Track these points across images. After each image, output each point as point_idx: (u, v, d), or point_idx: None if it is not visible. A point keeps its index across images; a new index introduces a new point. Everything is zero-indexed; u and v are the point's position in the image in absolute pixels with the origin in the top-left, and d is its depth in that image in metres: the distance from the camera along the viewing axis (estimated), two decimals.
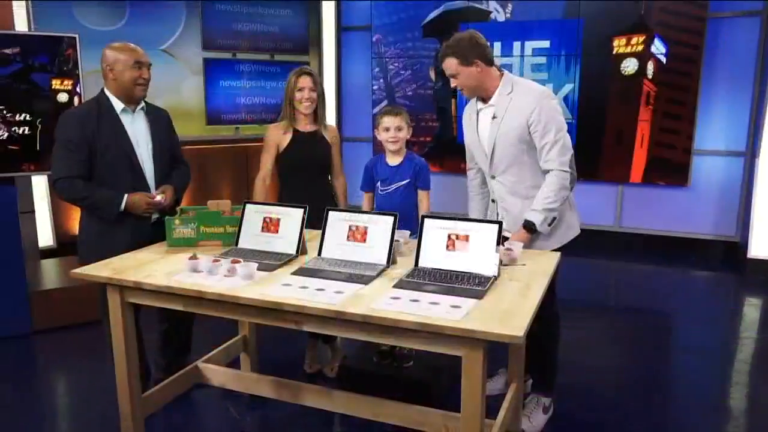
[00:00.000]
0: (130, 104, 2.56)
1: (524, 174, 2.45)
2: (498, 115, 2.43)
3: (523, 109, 2.37)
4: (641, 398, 2.87)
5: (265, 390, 2.46)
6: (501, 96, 2.44)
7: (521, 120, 2.37)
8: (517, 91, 2.42)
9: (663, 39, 5.06)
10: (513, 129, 2.40)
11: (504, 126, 2.42)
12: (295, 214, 2.24)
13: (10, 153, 3.31)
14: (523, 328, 1.54)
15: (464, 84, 2.44)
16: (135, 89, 2.51)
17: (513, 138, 2.40)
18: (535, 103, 2.36)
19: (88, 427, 2.64)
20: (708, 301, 4.54)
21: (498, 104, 2.44)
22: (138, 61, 2.51)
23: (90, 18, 5.04)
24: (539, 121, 2.35)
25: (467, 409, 1.67)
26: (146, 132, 2.60)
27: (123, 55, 2.49)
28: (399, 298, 1.77)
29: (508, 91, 2.43)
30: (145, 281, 1.95)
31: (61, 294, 3.72)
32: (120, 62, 2.49)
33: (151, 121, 2.63)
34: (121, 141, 2.51)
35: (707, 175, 5.28)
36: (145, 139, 2.60)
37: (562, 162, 2.35)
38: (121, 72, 2.49)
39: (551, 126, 2.35)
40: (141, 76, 2.51)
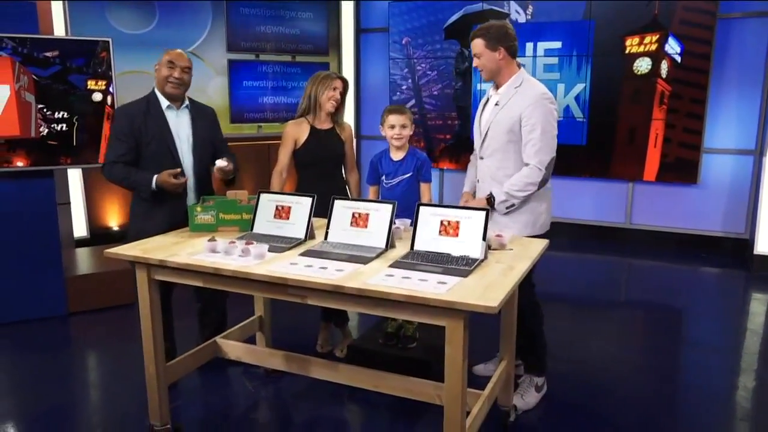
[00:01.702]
0: (173, 102, 2.86)
1: (507, 162, 2.64)
2: (500, 104, 2.64)
3: (521, 104, 2.57)
4: (649, 389, 2.99)
5: (278, 363, 2.69)
6: (509, 87, 2.64)
7: (516, 113, 2.57)
8: (523, 87, 2.62)
9: (677, 38, 5.16)
10: (507, 119, 2.60)
11: (501, 114, 2.62)
12: (304, 203, 2.46)
13: (49, 147, 3.60)
14: (498, 301, 1.73)
15: (484, 65, 2.64)
16: (166, 86, 2.81)
17: (505, 126, 2.60)
18: (532, 101, 2.55)
19: (119, 395, 2.90)
20: (716, 296, 4.64)
21: (504, 94, 2.64)
22: (171, 61, 2.81)
23: (122, 21, 5.35)
24: (530, 118, 2.54)
25: (450, 373, 1.87)
26: (188, 127, 2.91)
27: (164, 56, 2.83)
28: (392, 275, 1.97)
29: (516, 84, 2.63)
30: (169, 260, 2.19)
31: (94, 279, 4.01)
32: (160, 63, 2.83)
33: (194, 118, 2.93)
34: (164, 135, 2.82)
35: (717, 174, 5.37)
36: (187, 134, 2.90)
37: (541, 161, 2.54)
38: (158, 70, 2.83)
39: (538, 126, 2.53)
40: (171, 74, 2.80)
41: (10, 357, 3.37)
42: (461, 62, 6.08)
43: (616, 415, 2.74)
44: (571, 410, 2.77)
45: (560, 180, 5.60)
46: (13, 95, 3.43)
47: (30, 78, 3.49)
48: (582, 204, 5.82)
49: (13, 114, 3.46)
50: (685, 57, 5.16)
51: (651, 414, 2.74)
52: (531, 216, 2.66)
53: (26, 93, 3.47)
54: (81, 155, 3.69)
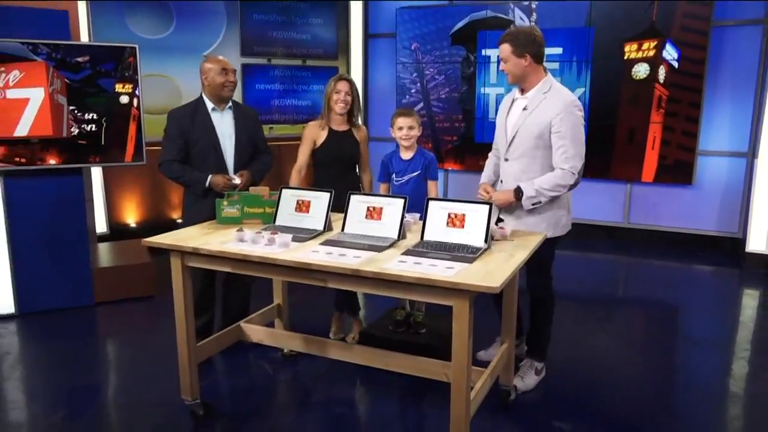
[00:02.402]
0: (219, 105, 3.18)
1: (533, 166, 2.77)
2: (529, 108, 2.76)
3: (551, 110, 2.68)
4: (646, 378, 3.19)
5: (297, 345, 2.92)
6: (537, 92, 2.75)
7: (546, 119, 2.69)
8: (552, 92, 2.73)
9: (675, 44, 5.38)
10: (537, 124, 2.72)
11: (531, 119, 2.74)
12: (323, 197, 2.69)
13: (79, 147, 3.84)
14: (498, 282, 1.96)
15: (511, 70, 2.76)
16: (223, 90, 3.15)
17: (534, 131, 2.72)
18: (562, 108, 2.66)
19: (149, 376, 3.13)
20: (710, 292, 4.83)
21: (532, 98, 2.76)
22: (224, 68, 3.13)
23: (141, 27, 5.60)
24: (560, 125, 2.65)
25: (457, 349, 2.10)
26: (231, 127, 3.22)
27: (213, 65, 3.13)
28: (405, 261, 2.20)
29: (545, 90, 2.75)
30: (202, 248, 2.42)
31: (117, 272, 4.24)
32: (211, 71, 3.12)
33: (237, 119, 3.23)
34: (209, 135, 3.15)
35: (711, 175, 5.58)
36: (230, 134, 3.21)
37: (573, 166, 2.66)
38: (213, 78, 3.12)
39: (568, 133, 2.65)
40: (228, 79, 3.14)
41: (44, 343, 3.60)
42: (467, 67, 6.31)
43: (612, 400, 2.95)
44: (567, 394, 2.98)
45: None
46: (47, 98, 3.68)
47: (62, 81, 3.73)
48: (583, 204, 6.02)
49: (47, 115, 3.70)
50: (681, 63, 5.37)
51: (646, 400, 2.95)
52: (554, 219, 2.81)
53: (59, 95, 3.71)
54: (109, 154, 3.92)
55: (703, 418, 2.76)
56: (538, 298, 2.97)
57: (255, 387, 3.04)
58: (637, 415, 2.77)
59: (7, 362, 3.35)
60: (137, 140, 3.97)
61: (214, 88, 3.15)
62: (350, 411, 2.88)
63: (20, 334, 3.72)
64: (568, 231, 2.93)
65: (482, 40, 6.14)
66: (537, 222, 2.78)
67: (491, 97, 6.20)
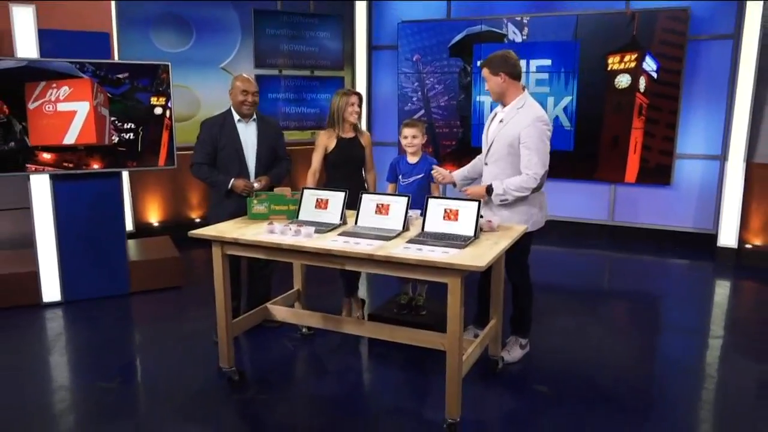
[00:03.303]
0: (244, 117, 3.66)
1: (507, 170, 3.26)
2: (504, 121, 3.25)
3: (520, 124, 3.16)
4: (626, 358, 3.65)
5: (315, 322, 3.41)
6: (512, 108, 3.24)
7: (516, 131, 3.17)
8: (524, 108, 3.21)
9: (654, 56, 5.88)
10: (508, 135, 3.22)
11: (504, 130, 3.24)
12: (339, 196, 3.19)
13: (119, 153, 4.33)
14: (484, 263, 2.45)
15: (492, 88, 3.27)
16: (242, 107, 3.64)
17: (506, 141, 3.22)
18: (530, 122, 3.15)
19: (185, 353, 3.62)
20: (687, 283, 5.31)
21: (508, 113, 3.25)
22: (245, 90, 3.60)
23: (163, 42, 6.11)
24: (526, 137, 3.14)
25: (451, 318, 2.59)
26: (254, 137, 3.70)
27: (238, 84, 3.62)
28: (409, 248, 2.69)
29: (519, 106, 3.23)
30: (241, 238, 2.91)
31: (149, 265, 4.73)
32: (236, 89, 3.62)
33: (260, 129, 3.71)
34: (234, 143, 3.63)
35: (688, 176, 6.08)
36: (252, 143, 3.69)
37: (536, 172, 3.14)
38: (236, 96, 3.62)
39: (533, 144, 3.13)
40: (246, 100, 3.62)
41: (90, 326, 4.09)
42: (464, 77, 6.81)
43: (589, 373, 3.43)
44: (549, 366, 3.46)
45: (551, 182, 6.28)
46: (91, 110, 4.17)
47: (105, 96, 4.22)
48: (570, 203, 6.53)
49: (91, 125, 4.20)
50: (660, 74, 5.87)
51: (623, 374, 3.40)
52: (525, 216, 3.28)
53: (102, 108, 4.21)
54: (144, 159, 4.41)
55: (677, 391, 3.19)
56: (517, 285, 3.46)
57: (279, 359, 3.53)
58: (613, 385, 3.23)
59: (60, 342, 3.84)
60: (169, 147, 4.46)
61: (236, 105, 3.65)
62: (361, 378, 3.38)
63: (67, 319, 4.21)
64: (541, 228, 3.38)
65: (477, 52, 6.63)
66: (509, 217, 3.25)
67: (486, 105, 6.70)
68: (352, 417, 2.92)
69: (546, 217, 3.43)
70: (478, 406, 2.98)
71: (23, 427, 2.82)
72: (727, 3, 5.65)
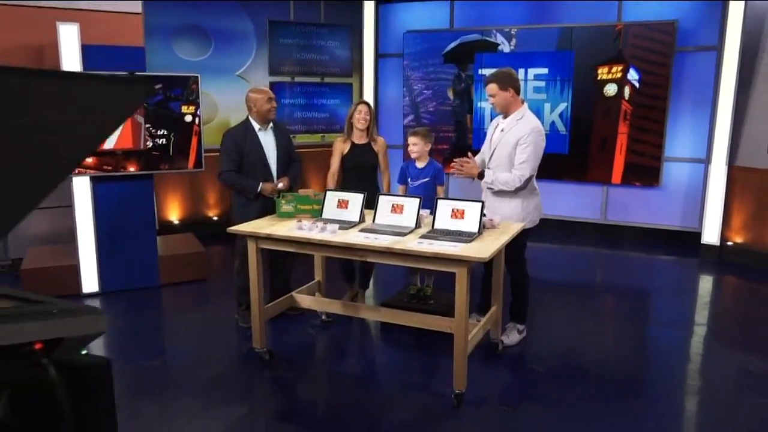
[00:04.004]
0: (263, 125, 4.03)
1: (505, 172, 3.72)
2: (505, 130, 3.69)
3: (519, 133, 3.60)
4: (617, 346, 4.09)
5: (335, 308, 3.83)
6: (513, 119, 3.68)
7: (515, 139, 3.61)
8: (523, 120, 3.65)
9: (636, 68, 6.32)
10: (509, 142, 3.65)
11: (505, 138, 3.67)
12: (358, 197, 3.61)
13: (153, 157, 4.75)
14: (487, 255, 2.87)
15: (498, 102, 3.67)
16: (269, 114, 4.01)
17: (507, 147, 3.65)
18: (528, 132, 3.59)
19: (216, 337, 4.04)
20: (674, 278, 5.74)
21: (508, 123, 3.69)
22: (270, 98, 3.99)
23: (184, 51, 6.52)
24: (523, 144, 3.58)
25: (458, 305, 3.01)
26: (273, 142, 4.07)
27: (261, 95, 3.99)
28: (422, 242, 3.11)
29: (518, 118, 3.67)
30: (274, 234, 3.33)
31: (176, 259, 5.14)
32: (260, 100, 3.97)
33: (276, 135, 4.10)
34: (258, 150, 4.00)
35: (675, 178, 6.50)
36: (273, 147, 4.06)
37: (522, 175, 3.57)
38: (261, 105, 3.96)
39: (528, 150, 3.56)
40: (272, 106, 4.00)
41: (126, 314, 4.50)
42: (458, 83, 7.21)
43: (581, 356, 3.87)
44: (544, 350, 3.89)
45: (548, 183, 6.74)
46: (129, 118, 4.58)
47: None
48: (565, 203, 6.95)
49: (129, 132, 4.62)
50: (646, 83, 6.29)
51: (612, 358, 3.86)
52: (522, 214, 3.71)
53: (138, 116, 4.62)
54: (175, 163, 4.83)
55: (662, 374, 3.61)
56: (516, 277, 3.88)
57: (303, 342, 3.96)
58: (602, 367, 3.65)
59: None
60: (198, 151, 4.88)
61: (263, 114, 4.00)
62: (377, 358, 3.81)
63: (106, 307, 4.62)
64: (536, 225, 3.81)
65: (479, 61, 7.04)
66: (509, 215, 3.67)
67: (486, 111, 7.11)
68: (370, 391, 3.35)
69: (540, 216, 3.85)
70: (481, 381, 3.40)
71: None
72: (712, 17, 6.07)
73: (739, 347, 4.05)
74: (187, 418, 3.05)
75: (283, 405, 3.26)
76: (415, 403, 3.20)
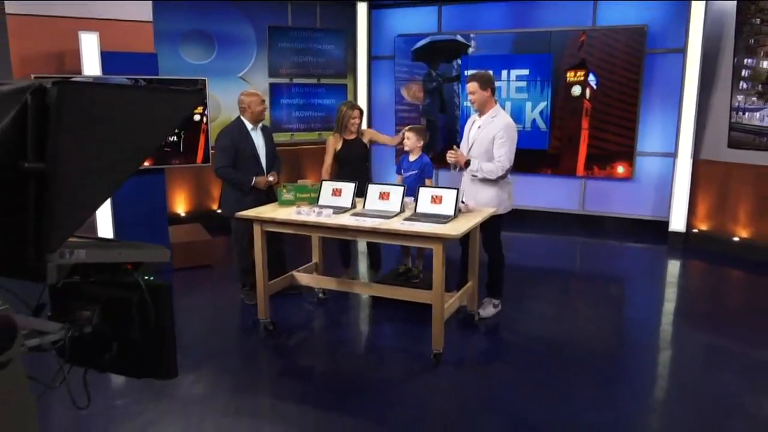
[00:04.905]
0: (254, 124, 4.48)
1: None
2: (482, 127, 4.18)
3: (495, 128, 4.09)
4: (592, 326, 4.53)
5: (332, 285, 4.33)
6: (488, 116, 4.16)
7: (492, 134, 4.10)
8: (497, 117, 4.14)
9: (594, 73, 6.87)
10: (486, 137, 4.14)
11: (482, 134, 4.16)
12: (350, 187, 4.10)
13: (164, 153, 5.23)
14: (460, 232, 3.37)
15: (477, 100, 4.13)
16: (261, 115, 4.47)
17: (484, 142, 4.14)
18: (503, 128, 4.08)
19: (226, 313, 4.53)
20: (645, 264, 6.23)
21: (484, 120, 4.17)
22: (262, 100, 4.46)
23: (190, 54, 7.00)
24: (499, 140, 4.07)
25: (435, 277, 3.51)
26: (262, 140, 4.53)
27: (253, 98, 4.44)
28: (404, 224, 3.60)
29: (493, 115, 4.16)
30: (276, 218, 3.83)
31: (186, 246, 5.62)
32: (253, 102, 4.43)
33: (264, 134, 4.55)
34: (250, 146, 4.45)
35: (647, 171, 7.00)
36: (262, 144, 4.52)
37: (503, 166, 4.06)
38: (255, 107, 4.42)
39: (504, 143, 4.05)
40: (264, 107, 4.46)
41: None
42: (429, 82, 7.70)
43: (554, 330, 4.36)
44: (518, 322, 4.39)
45: (530, 177, 7.29)
46: None
47: None
48: (546, 195, 7.45)
49: None
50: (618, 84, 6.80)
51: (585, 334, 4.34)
52: (497, 200, 4.19)
53: None
54: (185, 158, 5.32)
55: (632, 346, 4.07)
56: (492, 257, 4.38)
57: (302, 316, 4.46)
58: (574, 341, 4.09)
59: None
60: (205, 147, 5.37)
61: (256, 114, 4.44)
62: (368, 328, 4.33)
63: None
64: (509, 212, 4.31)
65: (464, 63, 7.53)
66: (487, 201, 4.17)
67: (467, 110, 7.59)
68: (361, 354, 3.85)
69: (512, 202, 4.35)
70: (458, 346, 3.91)
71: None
72: (680, 20, 6.56)
73: (703, 325, 4.46)
74: (198, 376, 3.54)
75: (285, 366, 3.77)
76: (399, 363, 3.71)
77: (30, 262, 1.24)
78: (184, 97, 1.54)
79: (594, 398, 3.28)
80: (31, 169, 1.20)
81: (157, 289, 1.57)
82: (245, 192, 4.42)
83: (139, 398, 3.26)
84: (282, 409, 3.22)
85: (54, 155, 1.22)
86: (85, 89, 1.33)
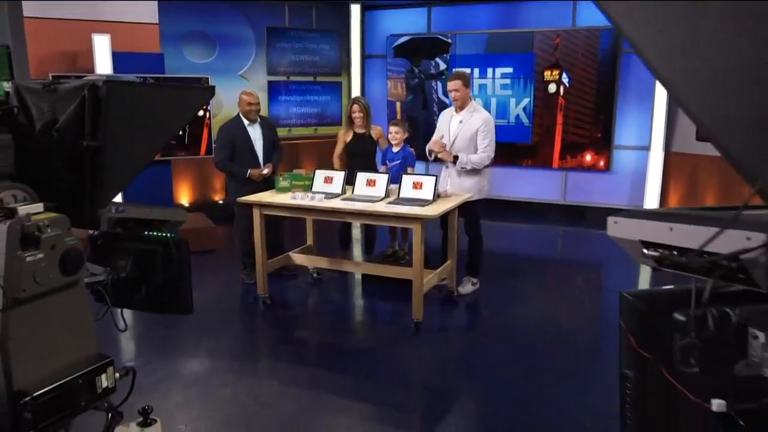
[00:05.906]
0: (250, 120, 4.89)
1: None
2: (463, 121, 4.59)
3: (477, 122, 4.51)
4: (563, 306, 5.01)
5: (325, 264, 4.77)
6: (467, 111, 4.59)
7: (474, 127, 4.52)
8: (476, 112, 4.58)
9: (568, 72, 7.31)
10: (468, 131, 4.56)
11: (464, 127, 4.58)
12: (339, 174, 4.53)
13: (171, 145, 5.65)
14: (437, 213, 3.81)
15: (459, 97, 4.54)
16: (249, 114, 4.84)
17: (467, 135, 4.55)
18: (483, 122, 4.51)
19: (227, 291, 4.96)
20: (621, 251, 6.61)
21: (464, 115, 4.59)
22: (249, 102, 4.83)
23: (192, 54, 7.41)
24: (482, 132, 4.50)
25: (415, 252, 3.94)
26: (260, 135, 4.94)
27: (243, 98, 4.84)
28: (388, 207, 4.04)
29: (472, 111, 4.59)
30: (273, 202, 4.26)
31: (191, 232, 5.98)
32: (243, 102, 4.84)
33: (263, 128, 4.96)
34: (247, 141, 4.86)
35: (624, 163, 7.43)
36: (259, 138, 4.93)
37: (489, 154, 4.50)
38: (243, 107, 4.83)
39: (488, 136, 4.48)
40: (251, 109, 4.81)
41: None
42: (411, 78, 8.12)
43: (530, 309, 4.80)
44: (496, 300, 4.82)
45: (514, 169, 7.72)
46: None
47: None
48: (529, 186, 7.88)
49: None
50: (595, 82, 7.22)
51: (561, 315, 4.79)
52: (478, 186, 4.62)
53: None
54: (189, 150, 5.75)
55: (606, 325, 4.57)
56: (472, 238, 4.81)
57: (297, 293, 4.90)
58: (554, 315, 4.56)
59: None
60: (208, 140, 5.80)
61: (244, 113, 4.85)
62: (357, 303, 4.76)
63: None
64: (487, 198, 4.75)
65: (453, 62, 7.95)
66: (469, 187, 4.60)
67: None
68: (349, 324, 4.29)
69: (490, 189, 4.79)
70: (437, 318, 4.35)
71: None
72: None
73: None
74: (203, 342, 3.97)
75: (281, 334, 4.21)
76: (384, 332, 4.15)
77: (87, 214, 1.67)
78: (199, 92, 1.97)
79: (561, 366, 3.70)
80: (88, 145, 1.63)
81: (178, 243, 1.99)
82: (242, 183, 4.84)
83: (152, 359, 3.69)
84: (278, 368, 3.66)
85: (104, 136, 1.65)
86: (127, 87, 1.76)
